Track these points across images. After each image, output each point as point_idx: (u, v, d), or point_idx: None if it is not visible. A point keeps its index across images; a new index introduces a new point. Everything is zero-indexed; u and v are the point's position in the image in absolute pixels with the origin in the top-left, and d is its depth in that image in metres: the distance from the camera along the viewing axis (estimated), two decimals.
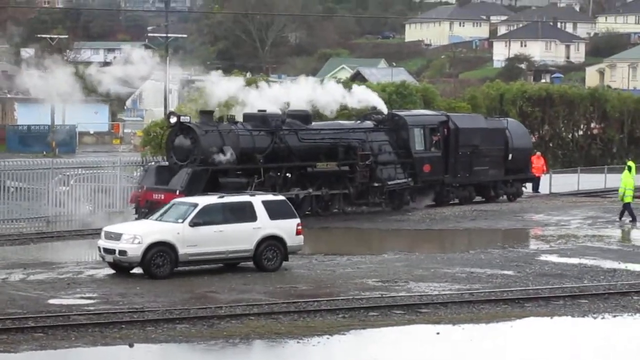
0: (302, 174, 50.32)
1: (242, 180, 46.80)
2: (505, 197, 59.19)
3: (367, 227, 49.01)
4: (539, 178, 62.66)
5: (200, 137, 47.10)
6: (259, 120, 49.95)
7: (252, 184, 47.09)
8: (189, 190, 42.92)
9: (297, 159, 50.30)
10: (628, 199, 51.54)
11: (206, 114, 49.20)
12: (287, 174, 49.96)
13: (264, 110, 50.79)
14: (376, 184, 52.46)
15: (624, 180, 52.00)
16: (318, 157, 50.94)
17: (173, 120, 48.14)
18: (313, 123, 53.00)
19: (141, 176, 48.63)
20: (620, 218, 52.51)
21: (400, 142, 54.29)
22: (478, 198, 58.36)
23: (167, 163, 48.54)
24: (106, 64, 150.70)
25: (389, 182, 53.03)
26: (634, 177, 52.77)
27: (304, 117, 52.17)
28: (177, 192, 42.36)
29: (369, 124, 54.82)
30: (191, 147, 47.20)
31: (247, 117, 50.26)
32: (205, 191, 41.71)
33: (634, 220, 51.87)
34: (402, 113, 57.72)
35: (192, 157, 46.97)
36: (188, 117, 48.48)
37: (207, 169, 46.58)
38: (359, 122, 55.43)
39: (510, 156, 58.19)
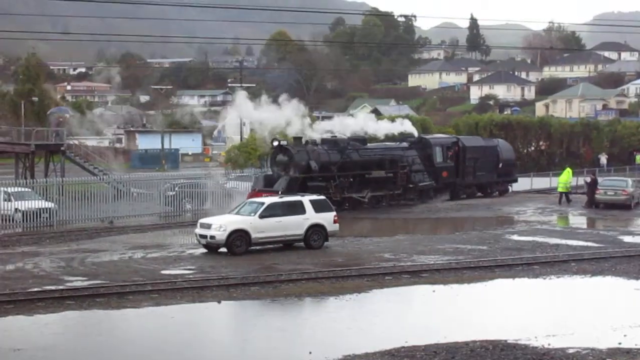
0: (362, 179, 51.43)
1: (322, 184, 48.34)
2: (497, 193, 60.68)
3: (383, 217, 48.88)
4: None
5: (294, 154, 48.28)
6: (332, 142, 51.28)
7: (330, 187, 48.86)
8: (287, 191, 43.65)
9: (358, 169, 51.33)
10: (560, 189, 55.75)
11: (297, 138, 50.03)
12: (351, 179, 50.92)
13: (335, 136, 52.28)
14: (411, 185, 53.84)
15: (560, 179, 56.43)
16: (372, 167, 51.99)
17: (275, 143, 49.08)
18: (368, 144, 54.22)
19: (254, 181, 49.42)
20: (559, 203, 54.64)
21: (426, 156, 55.62)
22: (479, 194, 59.47)
23: (271, 172, 49.40)
24: (199, 106, 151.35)
25: (420, 184, 54.45)
26: (570, 177, 56.38)
27: (362, 140, 53.59)
28: (279, 193, 42.77)
29: (404, 144, 55.92)
30: (288, 162, 48.28)
31: (324, 141, 51.31)
32: (298, 192, 42.36)
33: (560, 203, 54.67)
34: (427, 136, 59.71)
35: (289, 169, 47.97)
36: (286, 141, 49.42)
37: (299, 176, 47.53)
38: (398, 143, 56.48)
39: (500, 165, 59.76)
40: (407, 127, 59.51)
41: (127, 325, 23.33)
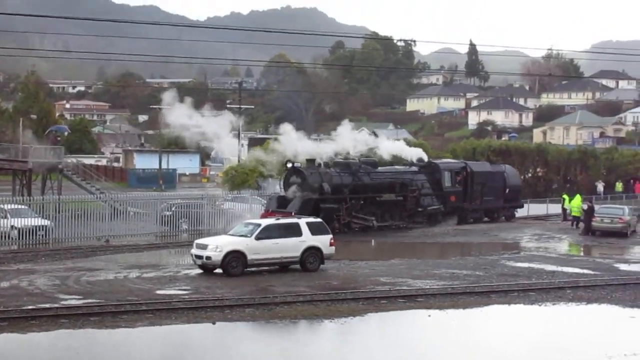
0: (372, 201, 51.89)
1: (334, 205, 49.13)
2: (503, 218, 60.95)
3: (380, 241, 48.81)
4: None
5: (308, 176, 48.85)
6: (344, 165, 51.87)
7: (342, 208, 49.62)
8: (300, 212, 43.89)
9: (369, 192, 51.86)
10: (575, 214, 56.34)
11: (310, 161, 50.48)
12: (362, 202, 51.39)
13: (347, 159, 52.81)
14: (420, 209, 54.39)
15: (573, 203, 57.18)
16: (382, 190, 52.51)
17: (289, 165, 49.49)
18: (379, 168, 54.62)
19: (267, 202, 49.71)
20: (572, 226, 56.00)
21: (435, 180, 56.10)
22: (486, 219, 59.82)
23: (284, 194, 49.48)
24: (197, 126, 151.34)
25: (428, 208, 54.97)
26: (581, 201, 56.70)
27: (373, 163, 54.13)
28: (293, 214, 42.88)
29: (414, 168, 56.52)
30: (301, 183, 48.54)
31: (336, 164, 52.07)
32: (311, 213, 43.12)
33: (573, 225, 56.02)
34: (436, 161, 60.13)
35: (302, 190, 48.35)
36: (299, 164, 49.77)
37: (312, 198, 48.01)
38: (407, 167, 56.80)
39: (507, 190, 60.30)
40: (418, 152, 59.82)
41: (121, 345, 23.22)
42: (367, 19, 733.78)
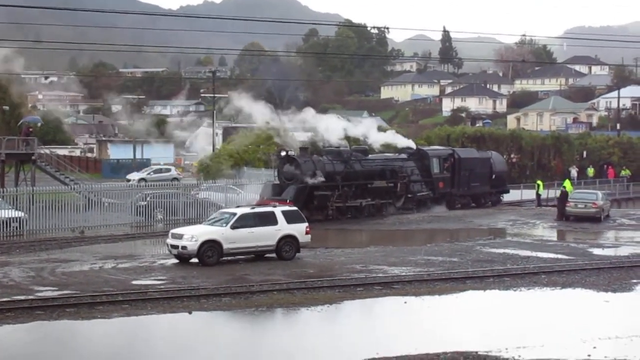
0: (364, 188, 52.89)
1: (328, 192, 50.24)
2: (490, 203, 62.11)
3: (356, 229, 48.94)
4: None
5: (301, 164, 49.76)
6: (336, 153, 52.90)
7: (334, 195, 50.68)
8: (295, 200, 45.19)
9: (361, 179, 52.85)
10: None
11: (304, 149, 51.80)
12: (354, 189, 52.23)
13: (339, 147, 53.68)
14: (410, 195, 55.58)
15: (567, 186, 56.68)
16: (373, 177, 53.60)
17: (283, 153, 50.63)
18: (369, 155, 55.68)
19: (262, 190, 50.44)
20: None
21: (424, 167, 57.30)
22: (473, 204, 60.72)
23: (278, 182, 50.52)
24: (171, 116, 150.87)
25: (418, 194, 56.20)
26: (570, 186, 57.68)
27: (364, 151, 55.28)
28: (288, 201, 43.63)
29: (404, 155, 57.74)
30: (295, 171, 49.52)
31: (328, 152, 53.10)
32: (305, 201, 45.42)
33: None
34: (425, 148, 61.23)
35: (296, 178, 49.41)
36: (293, 152, 50.84)
37: (306, 185, 48.95)
38: (397, 154, 57.93)
39: (493, 176, 60.95)
40: (404, 141, 60.61)
41: (97, 336, 23.17)
42: (340, 6, 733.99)
